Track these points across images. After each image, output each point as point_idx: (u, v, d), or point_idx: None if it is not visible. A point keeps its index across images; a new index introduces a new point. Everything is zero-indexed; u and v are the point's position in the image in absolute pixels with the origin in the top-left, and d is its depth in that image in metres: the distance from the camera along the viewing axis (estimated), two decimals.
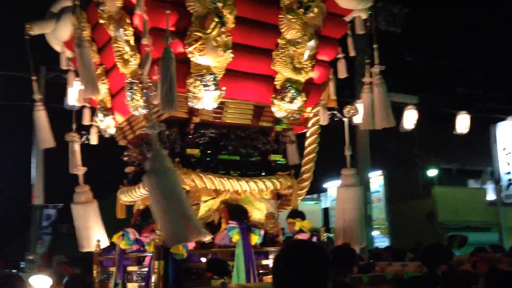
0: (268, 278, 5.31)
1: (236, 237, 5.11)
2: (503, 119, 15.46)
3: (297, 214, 5.86)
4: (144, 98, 4.88)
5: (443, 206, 15.21)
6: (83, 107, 6.65)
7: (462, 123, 7.64)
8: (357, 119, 6.30)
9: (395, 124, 6.21)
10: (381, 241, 15.25)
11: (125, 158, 6.45)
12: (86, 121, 6.63)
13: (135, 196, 5.86)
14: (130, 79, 5.43)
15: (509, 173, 15.59)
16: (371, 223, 12.97)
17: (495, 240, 14.04)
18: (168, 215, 4.09)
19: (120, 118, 6.23)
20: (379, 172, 15.63)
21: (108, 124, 6.22)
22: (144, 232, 5.54)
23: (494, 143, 15.77)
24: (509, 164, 15.59)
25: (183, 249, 4.73)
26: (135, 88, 5.34)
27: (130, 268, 5.35)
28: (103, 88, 6.10)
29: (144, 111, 5.38)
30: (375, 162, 13.27)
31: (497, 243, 13.03)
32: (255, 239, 5.23)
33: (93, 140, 6.74)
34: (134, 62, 5.32)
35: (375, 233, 14.39)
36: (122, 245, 5.32)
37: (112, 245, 5.95)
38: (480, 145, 16.33)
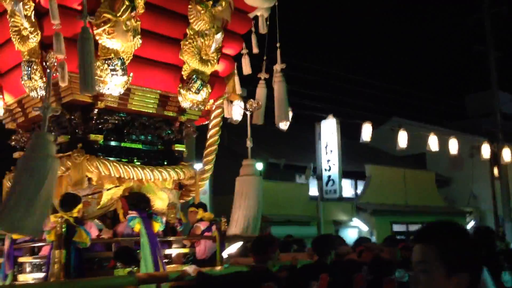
0: (172, 267, 5.31)
1: (137, 226, 5.02)
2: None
3: (200, 204, 5.91)
4: (47, 78, 4.58)
5: (267, 200, 15.07)
6: None
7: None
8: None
9: (289, 120, 6.50)
10: None
11: (13, 143, 5.99)
12: None
13: None
14: (28, 57, 5.07)
15: (329, 169, 16.10)
16: None
17: (314, 233, 14.54)
18: (25, 201, 3.68)
19: (9, 99, 5.78)
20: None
21: None
22: None
23: (318, 140, 16.22)
24: (328, 161, 16.13)
25: (86, 237, 4.55)
26: (34, 67, 5.00)
27: (22, 259, 4.99)
28: None
29: (43, 93, 5.06)
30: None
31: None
32: (157, 226, 5.18)
33: None
34: (34, 39, 4.98)
35: None
36: (14, 235, 4.94)
37: None
38: (307, 142, 17.12)
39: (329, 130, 16.08)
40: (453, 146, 13.68)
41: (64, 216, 4.48)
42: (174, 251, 5.49)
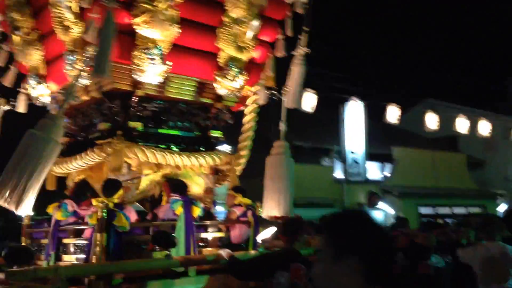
0: (207, 251, 5.47)
1: (179, 209, 5.17)
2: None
3: (239, 189, 6.02)
4: (86, 67, 4.74)
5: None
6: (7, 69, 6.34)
7: (309, 102, 7.52)
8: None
9: (299, 107, 6.35)
10: None
11: None
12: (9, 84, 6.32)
13: (70, 167, 5.71)
14: (71, 47, 5.26)
15: (353, 152, 15.98)
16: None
17: None
18: (17, 176, 3.96)
19: (54, 87, 6.01)
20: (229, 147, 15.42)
21: (41, 92, 5.97)
22: (83, 204, 5.46)
23: (342, 122, 16.02)
24: (353, 144, 15.96)
25: (126, 221, 4.74)
26: (76, 57, 5.17)
27: (66, 240, 5.25)
28: (37, 55, 5.84)
29: (85, 81, 5.25)
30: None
31: None
32: (197, 211, 5.33)
33: (21, 107, 6.44)
34: (76, 30, 5.15)
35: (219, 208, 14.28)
36: (58, 216, 5.19)
37: (42, 219, 5.81)
38: (332, 124, 16.71)
39: (354, 112, 15.88)
40: (484, 127, 13.22)
41: (105, 201, 4.67)
42: (210, 235, 5.64)
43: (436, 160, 18.84)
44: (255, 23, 5.87)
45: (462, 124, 12.78)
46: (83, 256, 4.99)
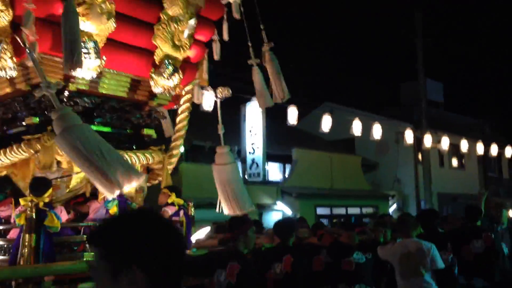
0: None
1: (114, 209, 5.05)
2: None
3: (174, 188, 5.98)
4: (31, 59, 4.49)
5: (189, 182, 14.84)
6: None
7: (208, 101, 7.66)
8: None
9: (289, 96, 6.49)
10: None
11: None
12: None
13: None
14: None
15: (253, 152, 15.93)
16: None
17: None
18: (98, 165, 3.83)
19: None
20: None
21: None
22: (1, 204, 5.17)
23: (243, 122, 15.97)
24: (253, 144, 15.91)
25: (57, 221, 4.55)
26: (4, 46, 4.86)
27: None
28: None
29: (13, 73, 4.96)
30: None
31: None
32: None
33: None
34: (5, 18, 4.84)
35: None
36: None
37: None
38: (233, 124, 16.71)
39: (254, 113, 15.79)
40: (377, 131, 13.90)
41: (35, 200, 4.45)
42: None
43: (333, 161, 19.50)
44: (192, 22, 5.86)
45: (357, 127, 13.38)
46: (5, 257, 4.73)
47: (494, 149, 17.34)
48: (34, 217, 4.39)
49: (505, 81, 40.03)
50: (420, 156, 20.07)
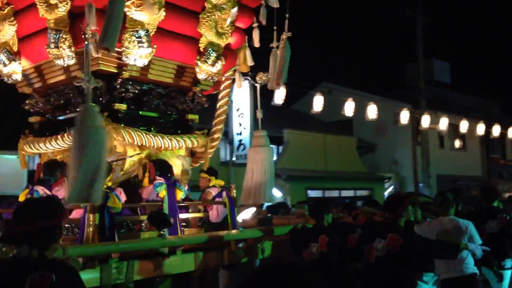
0: (188, 231, 5.67)
1: (163, 192, 5.32)
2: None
3: (212, 171, 6.23)
4: (85, 50, 4.71)
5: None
6: None
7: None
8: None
9: (283, 86, 6.71)
10: None
11: (27, 107, 6.09)
12: None
13: (47, 148, 5.63)
14: (55, 25, 5.15)
15: (240, 133, 15.46)
16: None
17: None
18: (81, 173, 3.96)
19: (26, 64, 5.83)
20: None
21: (14, 69, 5.77)
22: (54, 186, 5.42)
23: (230, 103, 15.92)
24: (240, 125, 15.45)
25: (119, 202, 4.82)
26: (63, 36, 5.09)
27: None
28: (10, 30, 5.63)
29: (70, 62, 5.21)
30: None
31: None
32: (180, 194, 5.50)
33: None
34: (63, 8, 5.05)
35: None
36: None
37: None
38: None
39: (241, 92, 15.09)
40: (372, 112, 13.42)
41: None
42: (190, 215, 5.83)
43: (327, 143, 19.07)
44: (234, 10, 6.05)
45: (349, 108, 12.83)
46: (69, 236, 5.01)
47: (496, 130, 17.16)
48: None
49: None
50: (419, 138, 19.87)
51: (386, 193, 20.10)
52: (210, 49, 5.96)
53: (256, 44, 6.59)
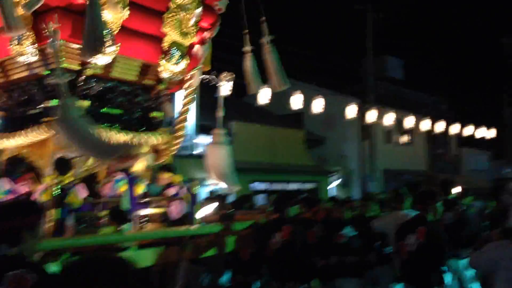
0: (149, 226, 5.80)
1: (123, 188, 5.43)
2: None
3: (167, 168, 6.36)
4: (52, 46, 4.78)
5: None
6: None
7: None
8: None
9: (289, 85, 6.95)
10: None
11: None
12: None
13: (9, 143, 5.68)
14: None
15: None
16: None
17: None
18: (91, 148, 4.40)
19: None
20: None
21: None
22: (19, 181, 5.47)
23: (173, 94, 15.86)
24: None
25: (79, 198, 4.92)
26: (26, 33, 5.14)
27: None
28: None
29: (33, 59, 5.26)
30: None
31: None
32: (140, 189, 5.62)
33: None
34: None
35: None
36: None
37: None
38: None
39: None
40: (318, 105, 13.69)
41: (59, 178, 4.81)
42: (151, 211, 5.95)
43: (275, 136, 18.88)
44: (199, 10, 6.18)
45: (296, 101, 13.07)
46: None
47: (441, 126, 17.57)
48: (58, 194, 4.75)
49: (465, 60, 40.64)
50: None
51: (330, 187, 20.34)
52: (174, 48, 6.08)
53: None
